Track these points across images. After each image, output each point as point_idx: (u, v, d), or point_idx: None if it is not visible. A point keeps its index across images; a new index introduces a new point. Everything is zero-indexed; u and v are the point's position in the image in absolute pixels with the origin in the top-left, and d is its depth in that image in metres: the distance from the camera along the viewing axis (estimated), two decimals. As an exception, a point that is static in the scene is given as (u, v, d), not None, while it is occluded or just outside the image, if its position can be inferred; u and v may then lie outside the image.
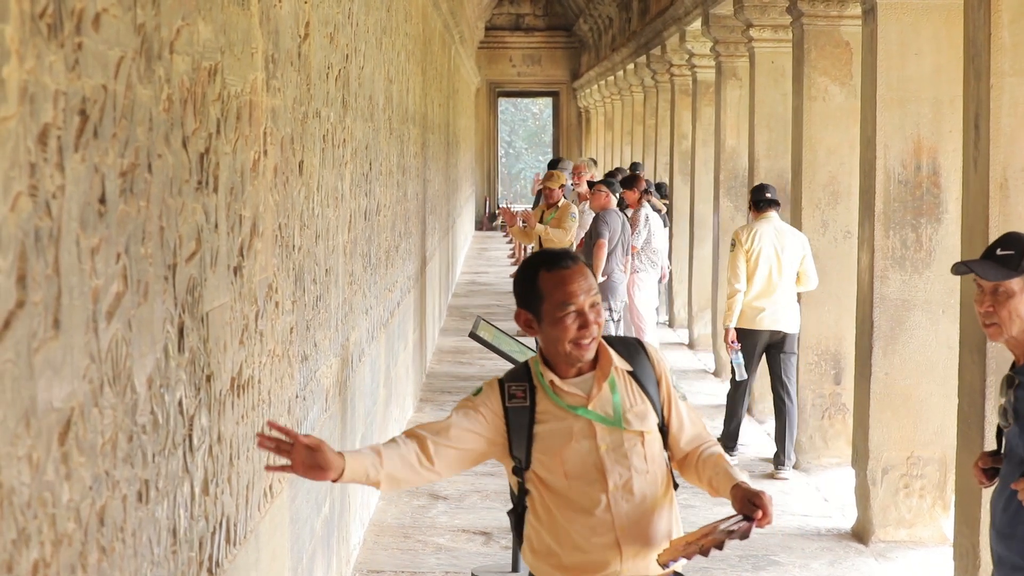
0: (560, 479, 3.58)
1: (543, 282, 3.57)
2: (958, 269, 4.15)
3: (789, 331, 9.17)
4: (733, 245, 9.30)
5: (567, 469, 3.57)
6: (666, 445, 3.69)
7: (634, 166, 18.27)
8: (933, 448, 7.42)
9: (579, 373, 3.62)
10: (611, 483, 3.55)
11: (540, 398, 3.61)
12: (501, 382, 3.67)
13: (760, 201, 9.22)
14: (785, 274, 9.08)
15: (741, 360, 9.23)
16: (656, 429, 3.64)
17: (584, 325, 3.53)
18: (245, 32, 3.91)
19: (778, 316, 9.14)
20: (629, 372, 3.64)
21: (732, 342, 9.21)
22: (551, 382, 3.60)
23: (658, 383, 3.68)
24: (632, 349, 3.71)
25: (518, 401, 3.61)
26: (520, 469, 3.62)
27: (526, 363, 3.70)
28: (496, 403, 3.62)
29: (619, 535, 3.55)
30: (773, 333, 9.16)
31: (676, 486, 3.71)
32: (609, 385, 3.60)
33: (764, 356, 9.30)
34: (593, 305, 3.54)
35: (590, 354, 3.57)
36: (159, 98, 2.91)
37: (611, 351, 3.63)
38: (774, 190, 9.33)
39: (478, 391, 3.67)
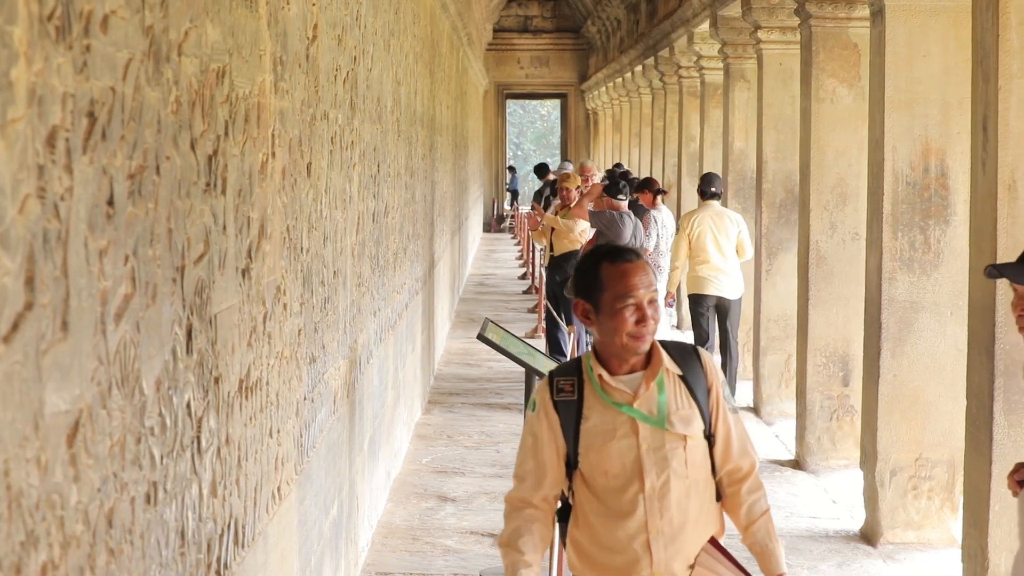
0: (600, 477, 3.57)
1: (605, 273, 3.58)
2: (990, 273, 4.10)
3: (731, 297, 11.19)
4: (678, 229, 11.36)
5: (607, 467, 3.56)
6: (711, 454, 3.66)
7: (617, 167, 18.35)
8: (941, 450, 7.41)
9: (631, 371, 3.62)
10: (648, 484, 3.54)
11: (588, 393, 3.61)
12: (551, 375, 3.69)
13: (704, 192, 11.28)
14: (724, 249, 11.07)
15: (673, 311, 12.61)
16: (701, 436, 3.61)
17: (642, 319, 3.54)
18: (253, 34, 3.91)
19: (721, 284, 11.16)
20: (679, 376, 3.64)
21: (668, 302, 11.54)
22: (599, 376, 3.60)
23: (708, 390, 3.66)
24: (686, 354, 3.70)
25: (566, 395, 3.62)
26: (569, 467, 3.63)
27: (579, 358, 3.71)
28: (548, 403, 3.64)
29: (651, 537, 3.54)
30: (719, 298, 11.17)
31: (719, 498, 3.69)
32: (657, 385, 3.59)
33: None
34: (651, 301, 3.57)
35: (646, 346, 3.57)
36: (167, 100, 2.91)
37: (663, 352, 3.64)
38: (719, 182, 11.42)
39: (533, 406, 3.69)
